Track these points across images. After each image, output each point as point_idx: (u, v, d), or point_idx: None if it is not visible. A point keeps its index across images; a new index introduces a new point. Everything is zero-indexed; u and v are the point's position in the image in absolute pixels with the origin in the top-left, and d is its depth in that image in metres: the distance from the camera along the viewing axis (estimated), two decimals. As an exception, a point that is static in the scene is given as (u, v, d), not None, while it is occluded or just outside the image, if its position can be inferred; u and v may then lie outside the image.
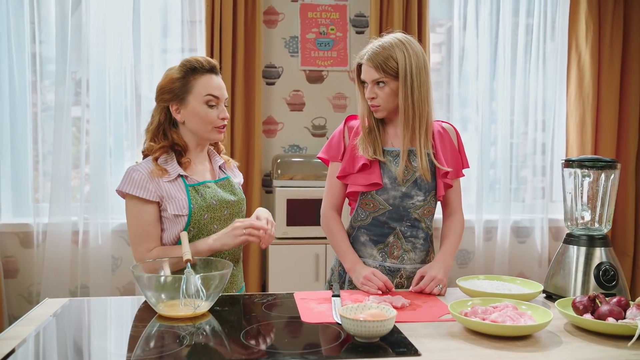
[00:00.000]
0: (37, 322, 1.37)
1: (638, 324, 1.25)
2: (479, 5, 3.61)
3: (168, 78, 1.71)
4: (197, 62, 1.69)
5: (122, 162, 3.43)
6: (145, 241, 1.66)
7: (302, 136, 3.59)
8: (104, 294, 3.31)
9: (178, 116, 1.71)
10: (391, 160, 1.79)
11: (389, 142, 1.82)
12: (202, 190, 1.71)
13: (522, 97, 3.68)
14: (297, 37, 3.55)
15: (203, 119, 1.69)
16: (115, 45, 3.34)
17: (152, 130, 1.73)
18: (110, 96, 3.34)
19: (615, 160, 1.59)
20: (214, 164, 1.83)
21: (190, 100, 1.69)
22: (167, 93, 1.70)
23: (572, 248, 1.61)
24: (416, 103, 1.72)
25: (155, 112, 1.74)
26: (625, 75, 3.66)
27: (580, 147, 3.62)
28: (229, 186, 1.80)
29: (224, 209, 1.74)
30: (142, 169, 1.67)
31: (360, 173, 1.79)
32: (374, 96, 1.75)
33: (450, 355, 1.19)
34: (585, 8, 3.58)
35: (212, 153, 1.86)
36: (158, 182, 1.66)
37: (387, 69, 1.71)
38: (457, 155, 1.85)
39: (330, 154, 1.87)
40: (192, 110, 1.69)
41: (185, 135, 1.74)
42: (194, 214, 1.66)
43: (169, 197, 1.66)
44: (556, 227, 3.75)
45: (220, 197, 1.74)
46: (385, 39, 1.76)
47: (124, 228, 3.41)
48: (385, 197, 1.79)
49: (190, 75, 1.69)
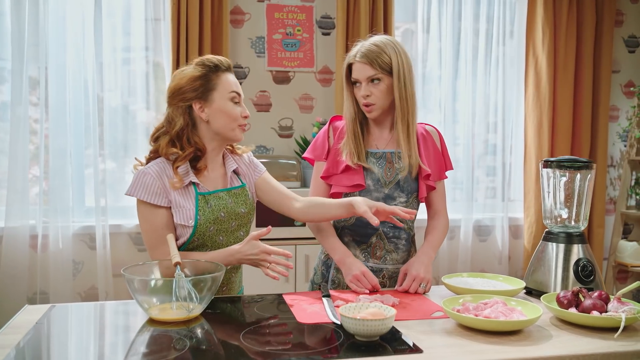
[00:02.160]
0: (22, 330, 1.31)
1: (622, 317, 1.31)
2: (442, 9, 3.69)
3: (187, 77, 1.64)
4: (217, 60, 1.66)
5: (82, 163, 3.33)
6: (161, 245, 1.61)
7: (269, 137, 3.58)
8: (65, 300, 3.20)
9: (203, 115, 1.64)
10: (374, 162, 1.81)
11: (373, 144, 1.84)
12: (212, 200, 1.65)
13: (482, 100, 3.79)
14: (264, 37, 3.54)
15: (229, 116, 1.65)
16: (76, 42, 3.23)
17: (174, 134, 1.64)
18: (69, 95, 3.23)
19: (591, 161, 1.67)
20: (228, 168, 1.75)
21: (216, 98, 1.64)
22: (189, 92, 1.63)
23: (551, 245, 1.67)
24: (409, 98, 1.76)
25: (176, 114, 1.65)
26: (578, 79, 3.83)
27: (538, 148, 3.76)
28: (243, 196, 1.74)
29: (232, 220, 1.69)
30: (153, 172, 1.61)
31: (343, 174, 1.81)
32: (368, 94, 1.76)
33: (450, 352, 1.22)
34: (541, 14, 3.72)
35: (227, 157, 1.78)
36: (168, 188, 1.61)
37: (382, 65, 1.73)
38: (440, 158, 1.88)
39: (315, 153, 1.88)
40: (218, 107, 1.64)
41: (206, 137, 1.68)
42: (200, 225, 1.62)
43: (176, 205, 1.62)
44: (515, 225, 3.88)
45: (230, 209, 1.68)
46: (374, 39, 1.78)
47: (86, 231, 3.31)
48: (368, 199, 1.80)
49: (212, 73, 1.64)
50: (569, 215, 1.70)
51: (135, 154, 3.41)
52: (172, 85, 1.66)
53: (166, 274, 1.51)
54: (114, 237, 3.31)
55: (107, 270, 3.26)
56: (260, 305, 1.55)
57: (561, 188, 1.69)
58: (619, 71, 4.05)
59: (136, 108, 3.41)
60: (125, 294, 3.37)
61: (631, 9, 4.06)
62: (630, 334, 1.33)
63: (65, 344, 1.30)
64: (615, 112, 4.05)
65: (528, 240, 3.78)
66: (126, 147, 3.41)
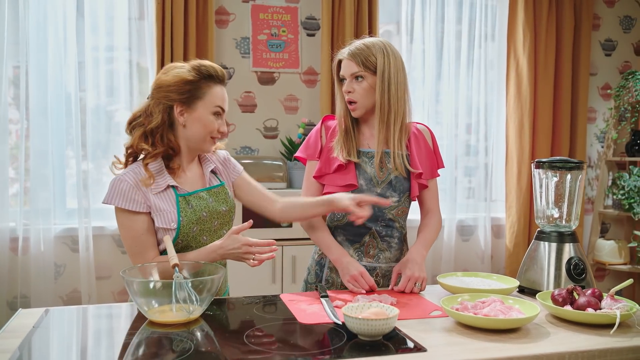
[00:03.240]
0: (19, 335, 1.29)
1: (617, 313, 1.35)
2: (425, 12, 3.73)
3: (178, 78, 1.60)
4: (213, 69, 1.63)
5: (62, 164, 3.27)
6: (143, 251, 1.60)
7: (254, 138, 3.57)
8: (46, 304, 3.14)
9: (181, 118, 1.62)
10: (366, 162, 1.82)
11: (365, 143, 1.85)
12: (194, 201, 1.64)
13: (465, 101, 3.84)
14: (249, 38, 3.53)
15: (206, 127, 1.63)
16: (57, 41, 3.18)
17: (149, 130, 1.61)
18: (50, 95, 3.18)
19: (581, 162, 1.70)
20: (205, 169, 1.74)
21: (199, 107, 1.62)
22: (175, 93, 1.60)
23: (544, 244, 1.70)
24: (392, 100, 1.76)
25: (155, 110, 1.61)
26: (557, 81, 3.91)
27: (519, 149, 3.82)
28: (223, 194, 1.73)
29: (214, 219, 1.68)
30: (129, 179, 1.58)
31: (336, 173, 1.82)
32: (351, 90, 1.78)
33: (453, 350, 1.23)
34: (522, 17, 3.78)
35: (203, 156, 1.77)
36: (145, 193, 1.59)
37: (367, 64, 1.75)
38: (432, 156, 1.90)
39: (307, 152, 1.89)
40: (198, 116, 1.62)
41: (181, 138, 1.66)
42: (183, 227, 1.61)
43: (156, 210, 1.60)
44: (497, 225, 3.94)
45: (212, 208, 1.68)
46: (366, 39, 1.81)
47: (68, 234, 3.26)
48: None
49: (204, 81, 1.62)
50: (560, 214, 1.73)
51: (119, 155, 3.36)
52: (161, 79, 1.63)
53: (162, 277, 1.50)
54: (97, 240, 3.26)
55: (90, 273, 3.21)
56: (259, 306, 1.55)
57: (552, 188, 1.72)
58: (596, 74, 4.14)
59: (118, 108, 3.36)
60: (109, 297, 3.33)
61: (607, 13, 4.16)
62: (624, 330, 1.36)
63: (66, 348, 1.28)
64: (592, 114, 4.15)
65: (510, 240, 3.84)
66: (108, 148, 3.37)
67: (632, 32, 4.23)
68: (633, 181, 3.79)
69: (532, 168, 1.77)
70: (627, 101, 3.94)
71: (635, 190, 3.78)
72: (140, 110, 1.66)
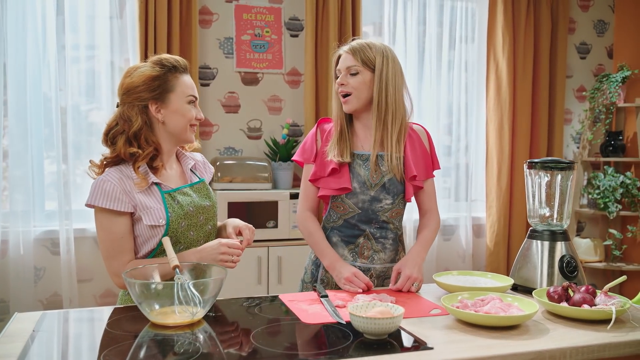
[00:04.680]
0: (19, 339, 1.26)
1: (613, 309, 1.39)
2: (406, 14, 3.77)
3: (145, 76, 1.61)
4: (175, 60, 1.65)
5: (41, 165, 3.20)
6: (119, 254, 1.59)
7: (237, 138, 3.55)
8: (26, 308, 3.07)
9: (159, 115, 1.63)
10: (360, 164, 1.83)
11: (359, 145, 1.86)
12: (179, 197, 1.66)
13: (446, 103, 3.89)
14: (232, 38, 3.51)
15: (185, 117, 1.65)
16: (37, 41, 3.12)
17: (132, 134, 1.61)
18: (29, 95, 3.11)
19: (572, 162, 1.75)
20: (184, 166, 1.77)
21: (172, 100, 1.63)
22: (145, 92, 1.61)
23: (536, 243, 1.74)
24: (389, 99, 1.78)
25: (132, 114, 1.61)
26: (536, 84, 3.99)
27: (499, 150, 3.89)
28: (204, 190, 1.76)
29: (199, 215, 1.69)
30: (113, 179, 1.58)
31: (330, 177, 1.83)
32: (344, 83, 1.79)
33: (458, 347, 1.25)
34: (501, 20, 3.85)
35: (181, 154, 1.79)
36: (130, 192, 1.58)
37: (364, 59, 1.77)
38: (427, 157, 1.90)
39: (304, 156, 1.90)
40: (175, 109, 1.64)
41: (161, 137, 1.67)
42: (172, 223, 1.61)
43: (143, 208, 1.59)
44: (477, 224, 4.00)
45: (197, 203, 1.69)
46: (369, 40, 1.83)
47: (48, 236, 3.20)
48: (354, 201, 1.83)
49: (170, 74, 1.63)
50: (552, 213, 1.77)
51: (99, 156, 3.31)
52: (126, 83, 1.63)
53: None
54: (79, 242, 3.21)
55: (72, 276, 3.16)
56: (260, 307, 1.55)
57: (544, 188, 1.76)
58: (571, 76, 4.25)
59: (100, 109, 3.31)
60: (91, 300, 3.27)
61: (582, 17, 4.27)
62: (619, 326, 1.40)
63: (70, 352, 1.26)
64: (569, 115, 4.25)
65: (490, 239, 3.90)
66: (88, 149, 3.31)
67: (605, 36, 4.34)
68: (608, 181, 3.90)
69: (525, 168, 1.81)
70: (602, 103, 4.04)
71: (610, 189, 3.88)
72: (115, 119, 1.65)
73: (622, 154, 4.05)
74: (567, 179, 1.75)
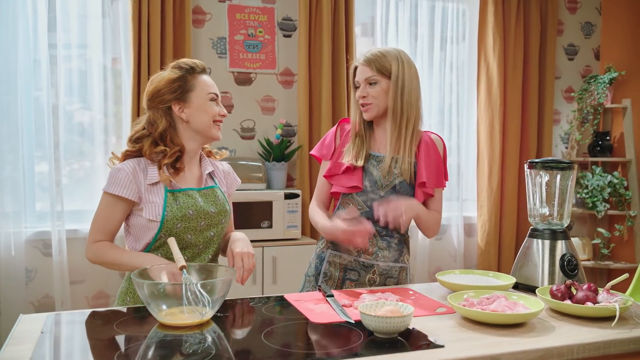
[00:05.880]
0: (28, 341, 1.25)
1: (617, 307, 1.41)
2: (398, 15, 3.80)
3: (165, 80, 1.68)
4: (192, 63, 1.72)
5: (32, 165, 3.17)
6: (96, 233, 1.67)
7: (231, 138, 3.54)
8: (16, 310, 3.04)
9: (183, 115, 1.68)
10: (375, 165, 1.87)
11: (376, 147, 1.91)
12: (181, 198, 1.67)
13: (437, 103, 3.92)
14: (225, 38, 3.50)
15: (208, 114, 1.69)
16: (28, 40, 3.08)
17: (157, 135, 1.68)
18: (20, 95, 3.07)
19: (572, 162, 1.77)
20: (203, 170, 1.79)
21: (194, 98, 1.68)
22: (167, 94, 1.68)
23: (537, 242, 1.76)
24: (405, 105, 1.82)
25: (157, 117, 1.69)
26: (525, 84, 4.04)
27: (490, 150, 3.93)
28: (212, 196, 1.75)
29: (200, 219, 1.69)
30: (127, 168, 1.66)
31: (343, 175, 1.87)
32: (364, 95, 1.84)
33: (468, 345, 1.27)
34: (492, 22, 3.89)
35: (203, 159, 1.82)
36: (140, 185, 1.65)
37: (382, 69, 1.81)
38: (441, 166, 1.93)
39: (322, 152, 1.95)
40: (197, 106, 1.68)
41: (185, 137, 1.71)
42: (167, 221, 1.63)
43: (147, 200, 1.65)
44: (469, 224, 4.04)
45: (199, 207, 1.69)
46: (382, 48, 1.87)
47: (39, 237, 3.16)
48: (364, 199, 1.86)
49: (189, 74, 1.70)
50: (552, 213, 1.80)
51: (92, 157, 3.30)
52: (150, 89, 1.71)
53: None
54: (71, 243, 3.17)
55: (64, 277, 3.13)
56: (267, 307, 1.55)
57: (546, 188, 1.79)
58: (560, 77, 4.30)
59: (92, 109, 3.28)
60: (83, 302, 3.24)
61: (570, 19, 4.33)
62: (622, 323, 1.43)
63: (83, 354, 1.25)
64: (557, 116, 4.30)
65: (481, 238, 3.94)
66: (82, 150, 3.28)
67: (592, 38, 4.41)
68: (596, 180, 3.96)
69: (525, 168, 1.84)
70: (590, 104, 4.10)
71: (598, 189, 3.94)
72: (142, 125, 1.73)
73: (609, 154, 4.11)
74: (567, 178, 1.78)
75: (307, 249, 3.23)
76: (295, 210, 3.26)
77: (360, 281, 1.88)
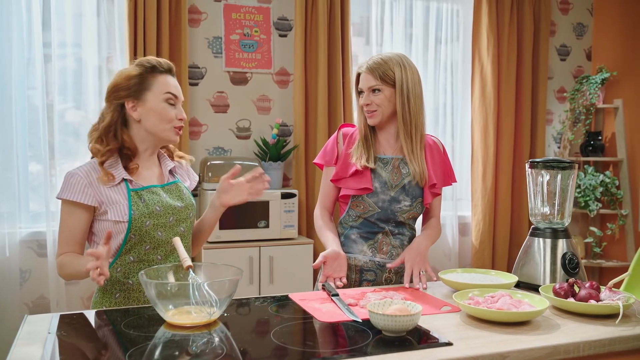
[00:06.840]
0: (36, 342, 1.24)
1: (620, 304, 1.43)
2: (393, 15, 3.81)
3: (124, 75, 1.65)
4: (155, 61, 1.68)
5: (26, 166, 3.14)
6: (62, 245, 1.63)
7: (226, 138, 3.54)
8: (11, 311, 3.02)
9: (134, 114, 1.65)
10: (382, 167, 1.89)
11: (381, 150, 1.93)
12: (146, 195, 1.66)
13: (432, 104, 3.94)
14: (221, 37, 3.49)
15: (162, 117, 1.65)
16: (22, 40, 3.05)
17: (101, 129, 1.65)
18: (14, 95, 3.04)
19: (573, 161, 1.79)
20: (164, 168, 1.77)
21: (149, 97, 1.65)
22: (122, 90, 1.64)
23: (538, 240, 1.78)
24: (412, 111, 1.84)
25: (107, 111, 1.66)
26: (519, 85, 4.07)
27: (484, 150, 3.95)
28: (177, 191, 1.75)
29: (168, 215, 1.68)
30: (82, 173, 1.62)
31: (352, 177, 1.89)
32: (368, 102, 1.86)
33: (476, 343, 1.28)
34: (486, 22, 3.92)
35: (162, 156, 1.79)
36: (97, 187, 1.61)
37: (385, 77, 1.83)
38: (445, 166, 1.98)
39: (325, 159, 1.96)
40: (150, 107, 1.65)
41: (137, 137, 1.68)
42: (135, 220, 1.61)
43: (109, 202, 1.61)
44: (463, 223, 4.06)
45: (166, 202, 1.68)
46: (384, 53, 1.89)
47: (34, 237, 3.14)
48: (374, 200, 1.87)
49: (149, 73, 1.66)
50: (553, 212, 1.82)
51: (85, 156, 3.26)
52: (110, 83, 1.68)
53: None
54: (66, 243, 3.14)
55: (59, 278, 3.09)
56: (273, 306, 1.55)
57: (547, 187, 1.81)
58: (552, 78, 4.34)
59: (86, 109, 3.26)
60: (78, 303, 3.22)
61: (562, 20, 4.37)
62: (625, 320, 1.44)
63: (93, 353, 1.25)
64: (550, 116, 4.34)
65: (476, 237, 3.96)
66: (77, 151, 3.26)
67: (584, 39, 4.45)
68: (588, 180, 4.00)
69: (526, 168, 1.85)
70: (582, 104, 4.14)
71: (590, 188, 3.98)
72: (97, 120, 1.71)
73: (601, 154, 4.15)
74: (568, 178, 1.80)
75: (304, 248, 3.23)
76: (292, 209, 3.26)
77: (377, 281, 1.89)
